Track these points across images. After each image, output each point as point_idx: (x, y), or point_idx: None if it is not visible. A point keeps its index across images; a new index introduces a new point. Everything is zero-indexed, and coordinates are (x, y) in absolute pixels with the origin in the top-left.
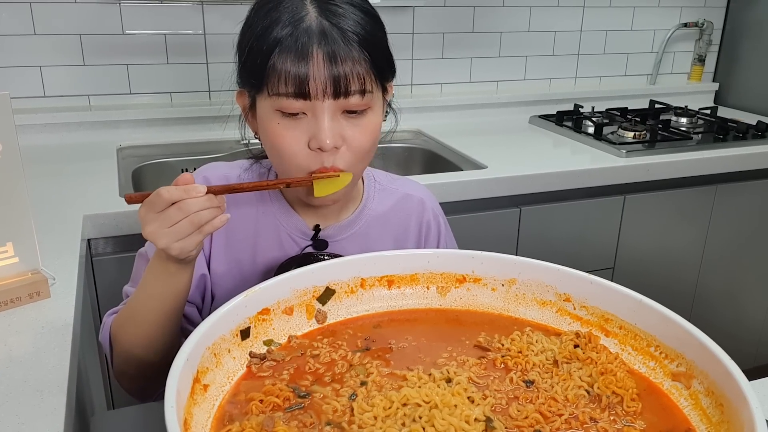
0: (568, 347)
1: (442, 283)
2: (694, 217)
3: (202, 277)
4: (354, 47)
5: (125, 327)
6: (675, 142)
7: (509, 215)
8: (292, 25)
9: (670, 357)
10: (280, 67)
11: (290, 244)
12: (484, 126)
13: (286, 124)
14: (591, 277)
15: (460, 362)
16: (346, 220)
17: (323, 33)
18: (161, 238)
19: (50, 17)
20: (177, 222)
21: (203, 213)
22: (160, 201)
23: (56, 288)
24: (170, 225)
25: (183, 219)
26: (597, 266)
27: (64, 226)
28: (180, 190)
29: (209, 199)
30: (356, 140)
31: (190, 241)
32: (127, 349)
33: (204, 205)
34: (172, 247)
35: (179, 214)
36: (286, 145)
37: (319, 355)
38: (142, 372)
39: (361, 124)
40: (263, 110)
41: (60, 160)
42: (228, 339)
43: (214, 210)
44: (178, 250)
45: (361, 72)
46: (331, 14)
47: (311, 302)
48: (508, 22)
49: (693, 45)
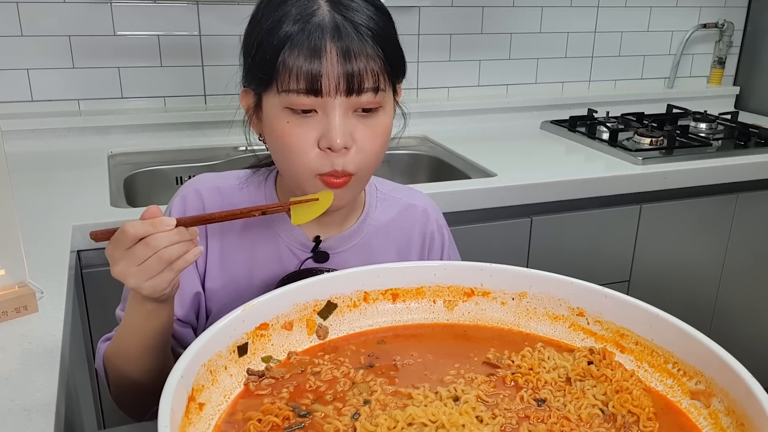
0: (582, 364)
1: (450, 296)
2: (713, 228)
3: (196, 295)
4: (368, 42)
5: (116, 357)
6: (694, 149)
7: (520, 225)
8: (303, 20)
9: (688, 374)
10: (292, 63)
11: (289, 257)
12: (494, 132)
13: (295, 122)
14: (606, 291)
15: (468, 380)
16: (347, 230)
17: (336, 28)
18: (130, 277)
19: (38, 17)
20: (145, 259)
21: (173, 248)
22: (126, 238)
23: (44, 302)
24: (138, 263)
25: (151, 256)
26: (612, 279)
27: (52, 237)
28: (146, 225)
29: (179, 233)
30: (367, 141)
31: (161, 280)
32: (121, 375)
33: (173, 240)
34: (143, 287)
35: (147, 250)
36: (294, 143)
37: (320, 372)
38: (139, 396)
39: (373, 125)
40: (270, 109)
41: (48, 167)
42: (224, 355)
43: (185, 244)
44: (150, 289)
45: (375, 68)
46: (344, 8)
47: (312, 317)
48: (518, 23)
49: (713, 47)
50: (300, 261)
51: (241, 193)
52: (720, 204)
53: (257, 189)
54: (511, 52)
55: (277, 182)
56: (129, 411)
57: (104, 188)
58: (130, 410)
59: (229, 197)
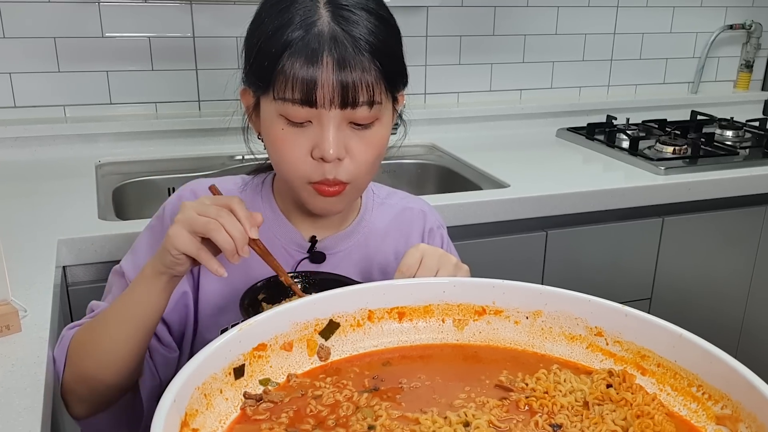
0: (600, 387)
1: (459, 315)
2: (740, 242)
3: (183, 295)
4: (364, 56)
5: (89, 342)
6: (719, 158)
7: (534, 239)
8: (303, 28)
9: (714, 398)
10: (289, 70)
11: (285, 257)
12: (506, 140)
13: (290, 130)
14: (626, 309)
15: (479, 404)
16: (344, 230)
17: (334, 39)
18: (183, 210)
19: (21, 18)
20: (204, 215)
21: (223, 233)
22: (225, 200)
23: (28, 321)
24: (200, 213)
25: (210, 219)
26: (632, 297)
27: (36, 251)
28: (246, 212)
29: (242, 235)
30: (361, 153)
31: (186, 241)
32: (85, 365)
33: (233, 230)
34: (179, 234)
35: (216, 212)
36: (287, 151)
37: (322, 395)
38: (94, 393)
39: (367, 136)
40: (267, 113)
41: (32, 177)
42: (220, 378)
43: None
44: (179, 238)
45: (370, 82)
46: (344, 20)
47: (313, 337)
48: (533, 24)
49: (740, 49)
50: (296, 261)
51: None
52: (747, 217)
53: (255, 193)
54: (525, 55)
55: (274, 186)
56: (74, 407)
57: (92, 200)
58: (75, 405)
59: None
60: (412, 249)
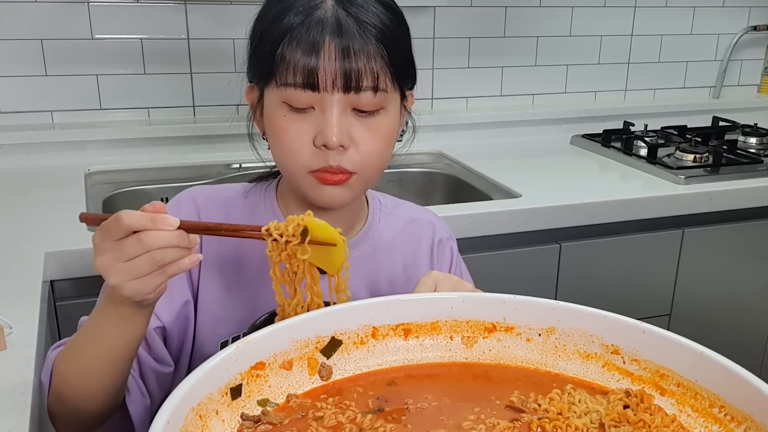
0: (617, 408)
1: (468, 332)
2: (765, 255)
3: (186, 304)
4: (370, 41)
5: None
6: (742, 167)
7: (547, 252)
8: (304, 13)
9: (736, 419)
10: (290, 56)
11: None
12: (518, 147)
13: (292, 118)
14: (644, 326)
15: (489, 426)
16: (350, 240)
17: (338, 23)
18: (114, 274)
19: (6, 19)
20: (135, 256)
21: (168, 251)
22: (119, 227)
23: (13, 338)
24: (126, 259)
25: (142, 254)
26: (651, 313)
27: (22, 265)
28: (145, 218)
29: (179, 236)
30: (366, 141)
31: (148, 283)
32: (63, 392)
33: (170, 242)
34: (125, 286)
35: (139, 247)
36: (289, 139)
37: (323, 417)
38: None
39: (372, 125)
40: (270, 103)
41: (18, 187)
42: (216, 398)
43: (182, 250)
44: (132, 291)
45: (375, 68)
46: (350, 4)
47: (314, 355)
48: (546, 25)
49: (764, 52)
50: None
51: (239, 204)
52: None
53: (257, 199)
54: (538, 58)
55: (278, 192)
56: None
57: (81, 210)
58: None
59: (227, 207)
60: (425, 277)
